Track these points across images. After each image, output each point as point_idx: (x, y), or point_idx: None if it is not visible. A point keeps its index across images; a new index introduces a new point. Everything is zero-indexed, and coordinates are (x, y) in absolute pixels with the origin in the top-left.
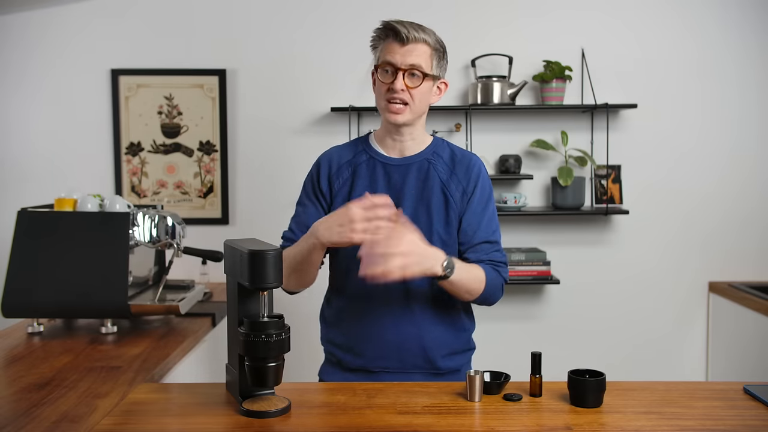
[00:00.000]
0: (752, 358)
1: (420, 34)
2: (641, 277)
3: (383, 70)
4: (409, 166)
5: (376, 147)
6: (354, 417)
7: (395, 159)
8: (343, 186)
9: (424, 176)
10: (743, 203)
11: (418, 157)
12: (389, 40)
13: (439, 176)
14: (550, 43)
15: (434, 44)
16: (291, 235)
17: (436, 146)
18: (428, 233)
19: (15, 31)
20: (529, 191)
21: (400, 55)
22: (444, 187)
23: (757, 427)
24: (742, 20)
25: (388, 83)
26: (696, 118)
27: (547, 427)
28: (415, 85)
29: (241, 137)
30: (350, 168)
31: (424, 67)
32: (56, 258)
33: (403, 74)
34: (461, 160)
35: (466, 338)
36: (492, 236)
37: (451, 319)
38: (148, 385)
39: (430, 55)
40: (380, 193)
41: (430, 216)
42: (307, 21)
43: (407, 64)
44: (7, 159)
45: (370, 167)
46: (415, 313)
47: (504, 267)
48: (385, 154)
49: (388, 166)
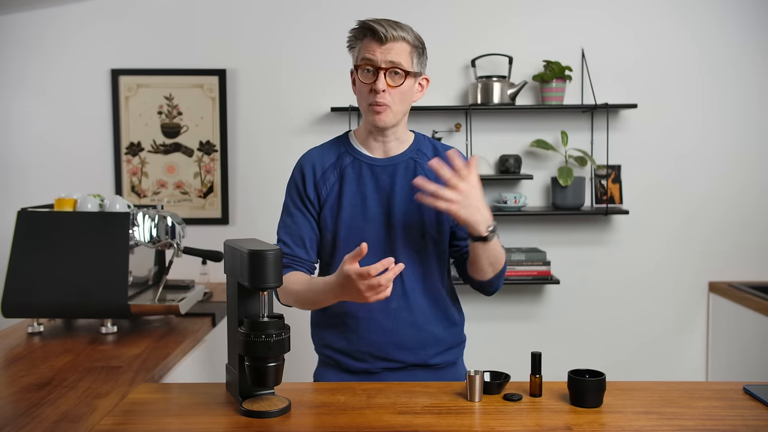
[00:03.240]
0: (752, 358)
1: (398, 31)
2: (641, 277)
3: (364, 69)
4: (396, 166)
5: (359, 147)
6: (354, 417)
7: (381, 159)
8: (331, 191)
9: (412, 176)
10: (743, 203)
11: (404, 157)
12: (367, 40)
13: (426, 175)
14: (550, 43)
15: (413, 41)
16: (289, 251)
17: (419, 143)
18: (420, 234)
19: (15, 31)
20: (529, 191)
21: (380, 54)
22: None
23: (757, 427)
24: (742, 20)
25: (370, 83)
26: (696, 118)
27: (547, 427)
28: (397, 84)
29: (241, 137)
30: (336, 171)
31: (404, 64)
32: (56, 258)
33: (384, 73)
34: (443, 155)
35: (458, 332)
36: None
37: (444, 315)
38: (148, 385)
39: (409, 53)
40: (369, 195)
41: (421, 216)
42: (307, 21)
43: (388, 63)
44: (7, 159)
45: (356, 169)
46: (413, 311)
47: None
48: (369, 155)
49: (375, 168)
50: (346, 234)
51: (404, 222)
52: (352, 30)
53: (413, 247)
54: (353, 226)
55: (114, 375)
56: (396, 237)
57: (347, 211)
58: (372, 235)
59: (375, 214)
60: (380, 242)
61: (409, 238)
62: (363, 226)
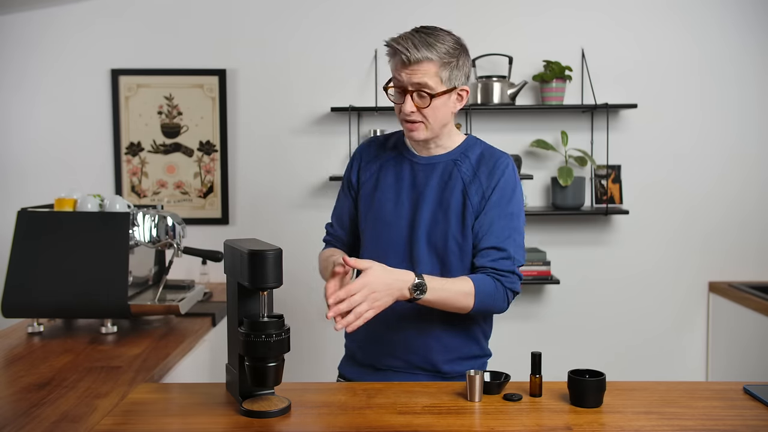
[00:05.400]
0: (752, 358)
1: (422, 51)
2: (641, 277)
3: (394, 89)
4: (434, 166)
5: (409, 145)
6: (354, 417)
7: (423, 158)
8: (369, 180)
9: (447, 177)
10: (743, 203)
11: (445, 158)
12: (395, 59)
13: (462, 178)
14: (550, 43)
15: (441, 57)
16: (331, 230)
17: (467, 146)
18: (444, 237)
19: (15, 31)
20: (529, 191)
21: (405, 75)
22: (465, 190)
23: (757, 427)
24: (742, 21)
25: (399, 104)
26: (696, 118)
27: (547, 427)
28: (424, 105)
29: (241, 137)
30: (378, 162)
31: (431, 85)
32: (56, 258)
33: (411, 95)
34: (487, 161)
35: (478, 344)
36: (503, 243)
37: (462, 324)
38: (148, 385)
39: (436, 72)
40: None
41: (447, 219)
42: (308, 21)
43: (414, 85)
44: (7, 159)
45: (398, 164)
46: (424, 315)
47: (510, 276)
48: (414, 152)
49: (416, 165)
50: (373, 223)
51: (430, 222)
52: (385, 45)
53: (435, 248)
54: (382, 218)
55: (114, 375)
56: (419, 236)
57: (379, 201)
58: (399, 230)
59: (404, 210)
60: (403, 239)
61: (432, 238)
62: (392, 220)
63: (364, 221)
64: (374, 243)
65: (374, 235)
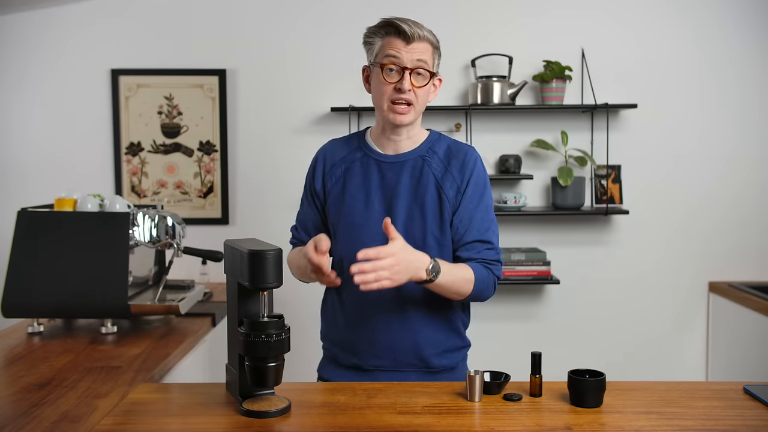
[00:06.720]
0: (752, 358)
1: (423, 31)
2: (641, 277)
3: (388, 68)
4: (403, 164)
5: (371, 144)
6: (354, 417)
7: (389, 156)
8: (336, 184)
9: (419, 174)
10: (743, 203)
11: (413, 155)
12: (391, 38)
13: (433, 174)
14: (550, 43)
15: (434, 41)
16: (296, 233)
17: (432, 142)
18: (422, 234)
19: (15, 31)
20: (529, 191)
21: (405, 53)
22: (438, 186)
23: (757, 427)
24: (742, 21)
25: (394, 82)
26: (696, 118)
27: (547, 427)
28: (421, 84)
29: (241, 137)
30: (343, 165)
31: (429, 64)
32: (56, 258)
33: (410, 73)
34: (456, 155)
35: (460, 336)
36: (484, 234)
37: (444, 317)
38: (148, 385)
39: (432, 53)
40: (373, 192)
41: (424, 216)
42: (307, 20)
43: (414, 62)
44: (7, 159)
45: (364, 165)
46: (407, 311)
47: (497, 265)
48: (380, 152)
49: (382, 164)
50: (346, 228)
51: (406, 219)
52: (373, 27)
53: (413, 245)
54: (353, 221)
55: (114, 375)
56: None
57: (349, 205)
58: (372, 231)
59: (377, 210)
60: (380, 239)
61: (409, 235)
62: (363, 221)
63: (335, 225)
64: (347, 245)
65: (347, 237)
